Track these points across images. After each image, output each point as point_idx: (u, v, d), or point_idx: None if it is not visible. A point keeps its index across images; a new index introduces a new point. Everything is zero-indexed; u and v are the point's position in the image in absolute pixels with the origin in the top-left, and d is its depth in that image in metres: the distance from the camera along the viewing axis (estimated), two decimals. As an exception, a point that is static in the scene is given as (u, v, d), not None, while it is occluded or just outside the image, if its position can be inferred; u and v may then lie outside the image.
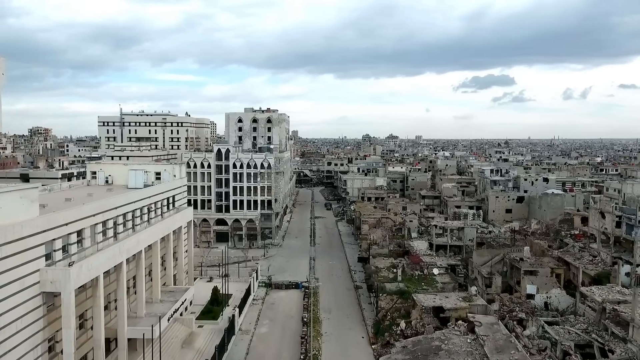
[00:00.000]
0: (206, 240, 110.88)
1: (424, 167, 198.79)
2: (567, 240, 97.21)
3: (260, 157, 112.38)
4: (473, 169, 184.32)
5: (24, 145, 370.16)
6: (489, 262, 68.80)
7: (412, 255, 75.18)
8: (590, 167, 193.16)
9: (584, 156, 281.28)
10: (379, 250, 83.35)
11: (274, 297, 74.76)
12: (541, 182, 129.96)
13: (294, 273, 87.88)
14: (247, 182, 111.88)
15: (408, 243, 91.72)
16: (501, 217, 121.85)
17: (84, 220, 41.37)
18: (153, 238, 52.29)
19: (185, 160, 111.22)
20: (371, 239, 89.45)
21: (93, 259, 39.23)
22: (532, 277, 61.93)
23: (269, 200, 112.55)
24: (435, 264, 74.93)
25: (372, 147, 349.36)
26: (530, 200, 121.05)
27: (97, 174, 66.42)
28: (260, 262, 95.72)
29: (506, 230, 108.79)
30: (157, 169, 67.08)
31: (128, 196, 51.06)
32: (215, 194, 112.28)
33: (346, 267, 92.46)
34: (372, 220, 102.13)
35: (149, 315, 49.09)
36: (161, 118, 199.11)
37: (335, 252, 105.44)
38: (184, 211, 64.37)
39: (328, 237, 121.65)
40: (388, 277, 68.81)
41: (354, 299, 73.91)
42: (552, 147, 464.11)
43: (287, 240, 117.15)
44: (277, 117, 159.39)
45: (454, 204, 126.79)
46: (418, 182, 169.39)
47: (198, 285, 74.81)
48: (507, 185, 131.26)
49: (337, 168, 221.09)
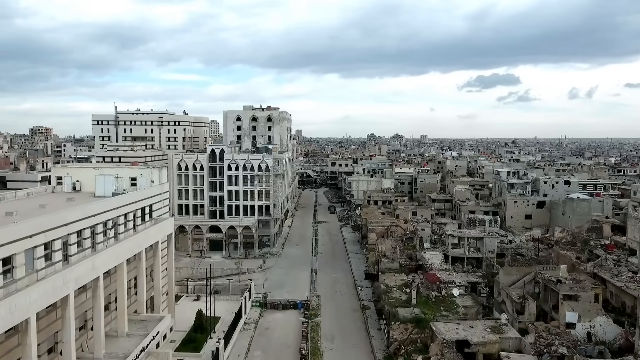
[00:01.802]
0: (198, 249, 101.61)
1: (433, 168, 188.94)
2: (598, 251, 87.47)
3: (257, 158, 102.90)
4: (484, 169, 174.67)
5: (24, 144, 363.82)
6: (518, 283, 59.13)
7: (428, 273, 65.59)
8: (607, 168, 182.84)
9: (598, 156, 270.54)
10: (389, 264, 73.77)
11: (268, 320, 65.27)
12: (562, 185, 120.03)
13: (293, 289, 78.47)
14: (243, 185, 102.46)
15: (420, 255, 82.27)
16: (520, 223, 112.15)
17: (17, 243, 32.17)
18: (117, 259, 42.97)
19: (176, 162, 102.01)
20: (379, 251, 79.90)
21: (22, 296, 29.96)
22: (572, 302, 52.28)
23: (267, 206, 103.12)
24: (454, 282, 65.29)
25: (377, 147, 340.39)
26: (552, 205, 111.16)
27: (63, 180, 57.31)
28: (255, 276, 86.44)
29: (527, 239, 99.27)
30: (132, 173, 57.73)
31: (86, 209, 41.78)
32: (208, 199, 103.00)
33: (351, 281, 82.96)
34: (380, 228, 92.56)
35: (109, 357, 39.78)
36: (157, 117, 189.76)
37: (340, 262, 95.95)
38: (163, 223, 55.00)
39: (332, 244, 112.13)
40: (400, 300, 59.28)
41: (361, 323, 64.35)
42: (560, 147, 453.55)
43: (287, 248, 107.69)
44: (278, 116, 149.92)
45: (468, 208, 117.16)
46: (427, 184, 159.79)
47: (182, 306, 65.63)
48: (525, 188, 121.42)
49: (341, 169, 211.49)
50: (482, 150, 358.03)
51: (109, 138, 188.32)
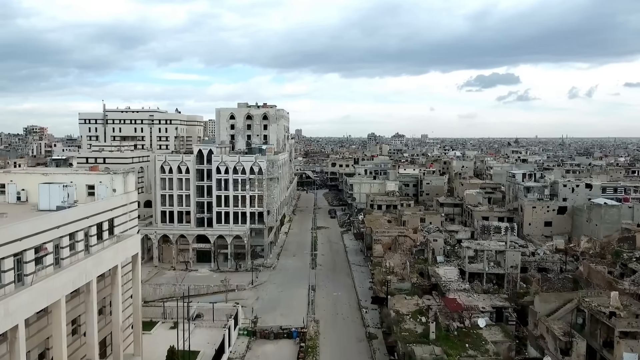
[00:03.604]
0: (184, 261, 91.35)
1: (438, 169, 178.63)
2: (633, 265, 77.24)
3: (249, 160, 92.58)
4: (493, 170, 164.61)
5: (17, 144, 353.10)
6: (557, 313, 48.92)
7: (447, 298, 55.29)
8: (622, 169, 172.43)
9: (608, 156, 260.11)
10: (399, 284, 63.54)
11: (257, 354, 55.06)
12: (583, 189, 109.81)
13: (287, 310, 68.28)
14: (234, 190, 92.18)
15: (433, 270, 72.06)
16: (539, 231, 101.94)
17: None
18: (50, 297, 32.77)
19: (159, 164, 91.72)
20: (387, 267, 69.68)
21: None
22: (631, 341, 42.10)
23: (261, 213, 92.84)
24: (478, 307, 55.07)
25: (379, 147, 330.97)
26: (574, 211, 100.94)
27: (6, 188, 47.13)
28: (246, 294, 76.26)
29: (550, 249, 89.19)
30: (90, 180, 47.47)
31: (11, 231, 31.61)
32: (195, 205, 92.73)
33: (354, 301, 72.78)
34: (386, 239, 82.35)
35: None
36: (148, 115, 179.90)
37: (341, 277, 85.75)
38: (126, 242, 44.75)
39: (332, 254, 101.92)
40: (415, 332, 49.07)
41: (367, 357, 54.16)
42: (564, 146, 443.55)
43: (283, 259, 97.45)
44: (275, 114, 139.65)
45: (481, 214, 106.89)
46: (434, 186, 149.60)
47: (156, 336, 55.43)
48: (543, 192, 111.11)
49: (342, 169, 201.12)
50: (485, 150, 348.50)
51: (96, 137, 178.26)
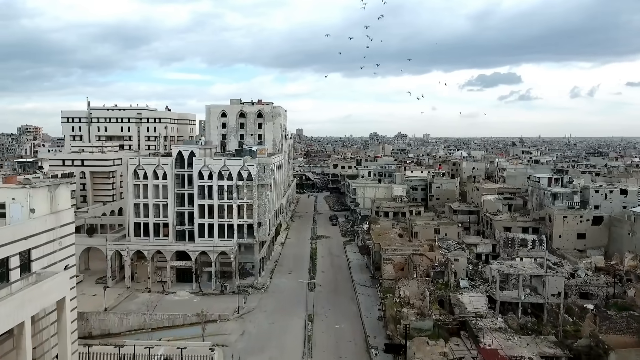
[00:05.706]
0: (161, 281, 78.47)
1: (447, 171, 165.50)
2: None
3: (237, 163, 79.58)
4: (506, 172, 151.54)
5: (9, 144, 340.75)
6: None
7: (486, 350, 42.26)
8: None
9: (624, 157, 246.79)
10: (419, 322, 50.56)
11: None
12: (617, 195, 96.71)
13: (278, 352, 55.32)
14: (218, 198, 79.24)
15: (456, 298, 59.37)
16: (571, 244, 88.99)
17: None
18: None
19: (132, 168, 78.80)
20: (401, 296, 56.73)
21: None
22: None
23: (250, 225, 79.92)
24: (524, 359, 42.15)
25: (381, 147, 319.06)
26: (612, 221, 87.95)
27: None
28: (229, 326, 63.34)
29: (587, 267, 76.34)
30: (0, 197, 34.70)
31: None
32: (174, 216, 79.81)
33: (361, 337, 59.71)
34: (398, 258, 69.36)
35: None
36: (135, 113, 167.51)
37: (345, 301, 72.75)
38: (51, 282, 32.04)
39: (333, 271, 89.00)
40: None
41: None
42: (569, 146, 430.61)
43: (277, 278, 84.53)
44: (270, 111, 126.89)
45: (502, 224, 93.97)
46: (444, 190, 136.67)
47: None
48: (573, 199, 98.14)
49: (344, 171, 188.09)
50: (490, 150, 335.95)
51: (80, 137, 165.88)
